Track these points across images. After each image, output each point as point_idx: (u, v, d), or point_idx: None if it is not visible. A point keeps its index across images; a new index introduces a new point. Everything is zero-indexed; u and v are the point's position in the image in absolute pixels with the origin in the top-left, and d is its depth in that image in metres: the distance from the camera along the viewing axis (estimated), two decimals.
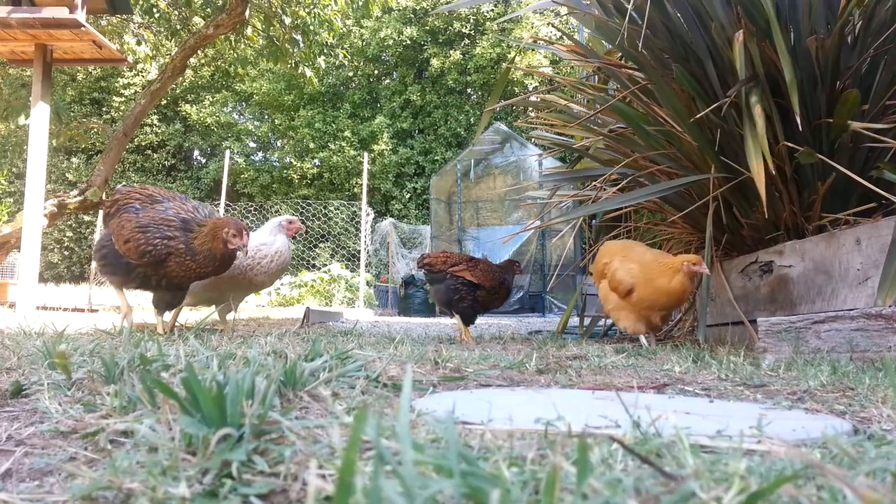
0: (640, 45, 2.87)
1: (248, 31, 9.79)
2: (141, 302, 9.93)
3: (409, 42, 21.52)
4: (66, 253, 22.23)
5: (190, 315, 5.24)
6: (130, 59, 10.08)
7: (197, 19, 10.42)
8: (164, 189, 2.97)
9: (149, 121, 22.20)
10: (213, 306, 3.44)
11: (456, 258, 3.42)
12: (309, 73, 10.24)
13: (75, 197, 7.75)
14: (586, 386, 1.48)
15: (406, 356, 1.92)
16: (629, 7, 2.81)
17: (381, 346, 2.33)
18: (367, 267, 12.87)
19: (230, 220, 2.72)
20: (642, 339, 2.87)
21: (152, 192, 2.89)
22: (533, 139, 8.42)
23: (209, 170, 22.59)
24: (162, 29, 10.71)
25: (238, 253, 2.74)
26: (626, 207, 3.63)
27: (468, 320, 3.38)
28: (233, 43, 10.13)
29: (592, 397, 1.28)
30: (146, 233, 2.66)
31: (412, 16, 21.74)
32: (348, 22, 17.79)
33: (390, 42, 21.57)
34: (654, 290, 2.72)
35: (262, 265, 3.17)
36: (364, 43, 22.18)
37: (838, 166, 2.32)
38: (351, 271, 12.85)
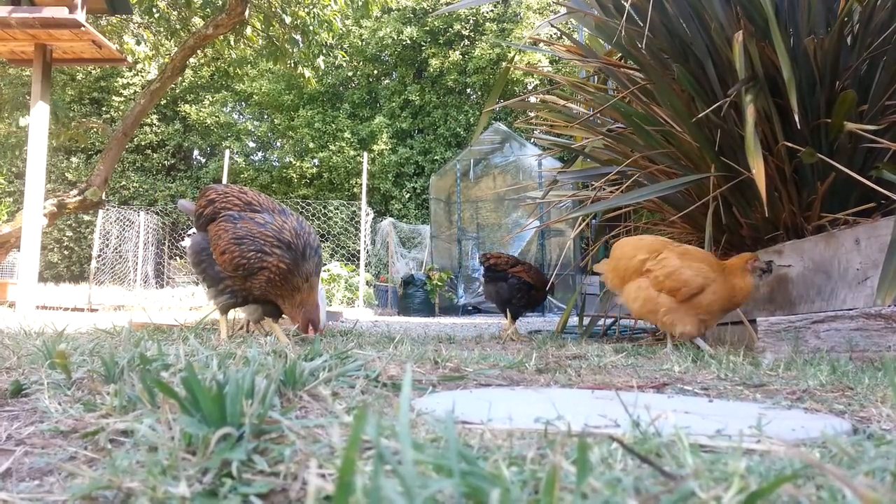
0: (640, 44, 2.87)
1: (248, 31, 9.79)
2: (141, 301, 9.92)
3: (408, 42, 21.52)
4: (65, 252, 22.22)
5: (190, 315, 5.23)
6: (130, 59, 10.08)
7: (196, 19, 10.41)
8: (263, 195, 2.85)
9: (148, 120, 22.19)
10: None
11: (513, 260, 3.70)
12: (308, 73, 10.24)
13: (75, 196, 7.75)
14: (586, 385, 1.48)
15: (406, 356, 1.92)
16: (628, 7, 2.81)
17: (381, 346, 2.33)
18: (366, 266, 12.87)
19: (317, 315, 2.62)
20: (701, 343, 2.49)
21: (250, 198, 2.77)
22: (532, 139, 8.42)
23: (209, 169, 22.58)
24: (161, 29, 10.71)
25: None
26: (626, 207, 3.63)
27: (516, 316, 3.76)
28: (232, 43, 10.13)
29: (592, 397, 1.28)
30: (241, 245, 2.58)
31: (412, 16, 21.74)
32: (348, 22, 17.79)
33: (390, 42, 21.57)
34: (728, 291, 2.43)
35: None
36: (363, 43, 22.18)
37: (838, 165, 2.33)
38: (350, 271, 12.85)
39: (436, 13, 19.61)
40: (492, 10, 21.29)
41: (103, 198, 8.09)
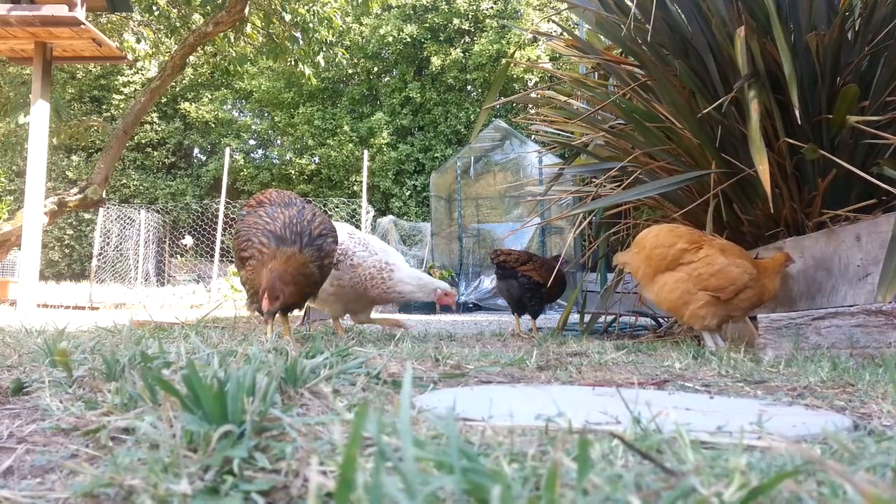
0: (640, 40, 2.86)
1: (248, 28, 9.78)
2: (142, 299, 9.93)
3: (408, 39, 21.47)
4: (66, 251, 22.22)
5: (190, 313, 5.24)
6: (130, 56, 10.07)
7: (196, 17, 10.40)
8: (280, 193, 2.86)
9: (148, 118, 22.17)
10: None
11: (524, 256, 3.69)
12: (308, 71, 10.23)
13: (75, 195, 7.76)
14: (587, 382, 1.48)
15: (406, 353, 1.93)
16: (629, 3, 2.80)
17: (382, 344, 2.33)
18: None
19: (270, 285, 2.43)
20: (708, 338, 2.48)
21: (263, 197, 2.84)
22: (533, 136, 8.41)
23: (209, 167, 22.57)
24: (161, 27, 10.70)
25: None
26: (627, 203, 3.63)
27: (535, 315, 3.75)
28: (232, 40, 10.12)
29: (593, 394, 1.28)
30: (238, 238, 2.65)
31: (412, 13, 21.70)
32: (348, 19, 17.76)
33: (390, 39, 21.52)
34: (760, 290, 2.44)
35: (395, 288, 3.07)
36: (364, 40, 22.13)
37: (839, 161, 2.32)
38: None
39: None
40: (492, 7, 21.23)
41: (104, 196, 8.09)
